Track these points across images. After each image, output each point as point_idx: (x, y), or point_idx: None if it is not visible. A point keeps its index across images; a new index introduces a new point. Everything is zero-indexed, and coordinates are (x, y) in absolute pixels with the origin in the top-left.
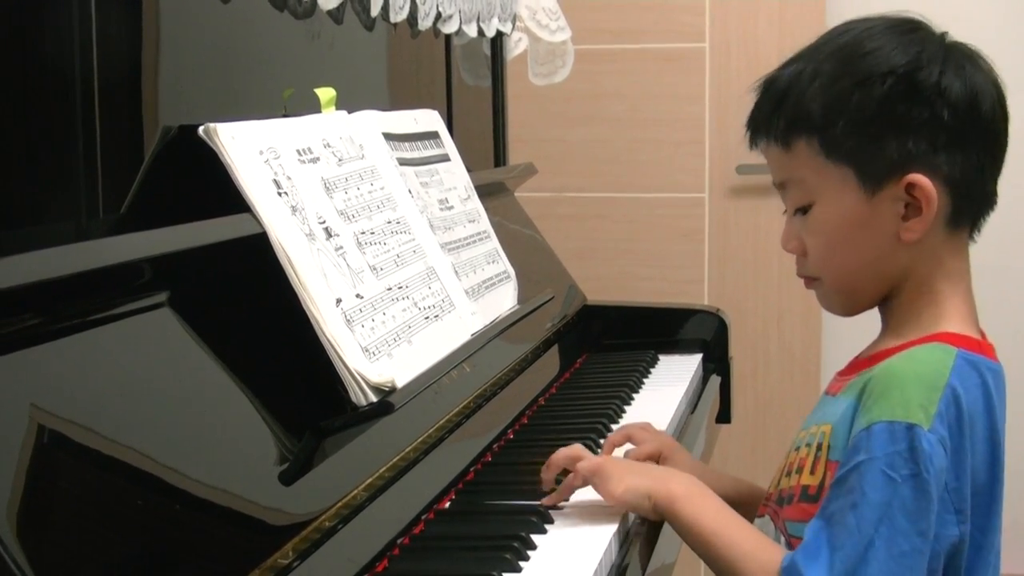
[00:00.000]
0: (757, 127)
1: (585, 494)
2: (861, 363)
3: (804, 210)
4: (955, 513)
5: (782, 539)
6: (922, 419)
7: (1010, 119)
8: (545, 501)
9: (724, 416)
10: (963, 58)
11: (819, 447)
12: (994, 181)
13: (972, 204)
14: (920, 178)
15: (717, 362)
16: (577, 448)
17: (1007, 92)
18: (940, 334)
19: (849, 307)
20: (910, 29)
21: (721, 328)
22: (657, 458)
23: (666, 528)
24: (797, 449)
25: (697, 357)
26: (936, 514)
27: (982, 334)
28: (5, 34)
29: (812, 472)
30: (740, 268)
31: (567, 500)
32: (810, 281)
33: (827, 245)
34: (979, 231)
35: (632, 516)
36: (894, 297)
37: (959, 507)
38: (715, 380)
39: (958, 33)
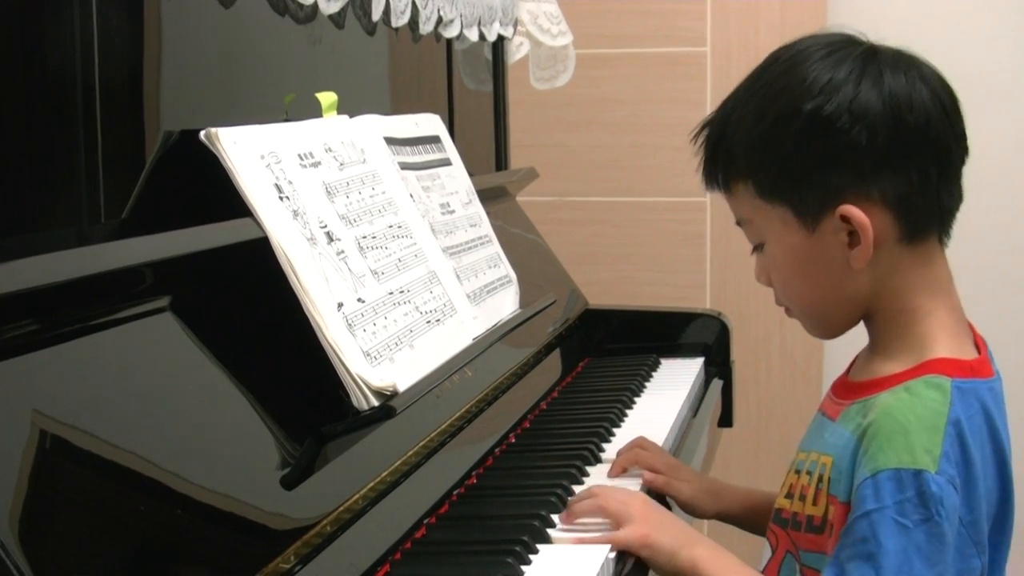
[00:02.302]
0: (704, 173)
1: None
2: (856, 388)
3: (760, 247)
4: (974, 546)
5: (797, 566)
6: (928, 463)
7: (960, 110)
8: (561, 518)
9: (726, 420)
10: (884, 68)
11: (820, 478)
12: (950, 184)
13: (924, 215)
14: (850, 209)
15: (719, 366)
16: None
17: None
18: (932, 362)
19: (826, 332)
20: (832, 51)
21: (723, 332)
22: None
23: None
24: (798, 473)
25: (699, 361)
26: (957, 551)
27: (975, 336)
28: (7, 39)
29: (815, 503)
30: (742, 272)
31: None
32: (788, 310)
33: (784, 280)
34: (948, 235)
35: None
36: (873, 314)
37: (977, 539)
38: (717, 384)
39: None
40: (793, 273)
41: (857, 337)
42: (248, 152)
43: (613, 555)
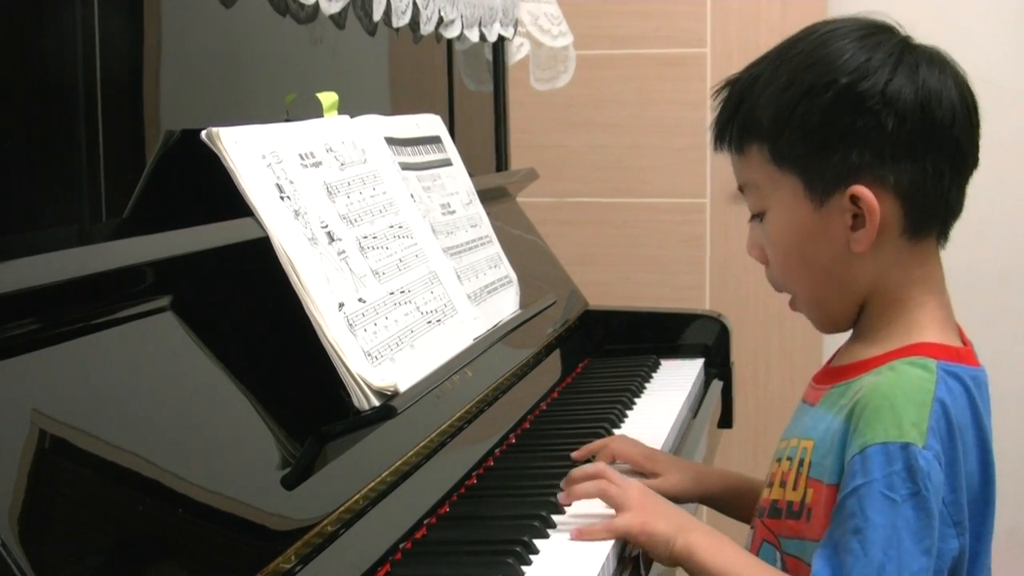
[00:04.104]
0: (718, 129)
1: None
2: (836, 372)
3: (761, 216)
4: (954, 526)
5: (778, 555)
6: (916, 437)
7: (980, 121)
8: (560, 498)
9: (726, 421)
10: (920, 61)
11: (800, 463)
12: (958, 188)
13: (930, 212)
14: (862, 190)
15: (719, 367)
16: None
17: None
18: (917, 345)
19: (825, 322)
20: (868, 34)
21: (723, 333)
22: (642, 468)
23: None
24: (779, 461)
25: (699, 362)
26: (937, 530)
27: (961, 335)
28: (8, 38)
29: (795, 488)
30: (741, 273)
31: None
32: (793, 303)
33: (783, 254)
34: (946, 238)
35: None
36: (865, 307)
37: (957, 519)
38: (717, 385)
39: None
40: (791, 246)
41: None
42: (249, 152)
43: (614, 555)
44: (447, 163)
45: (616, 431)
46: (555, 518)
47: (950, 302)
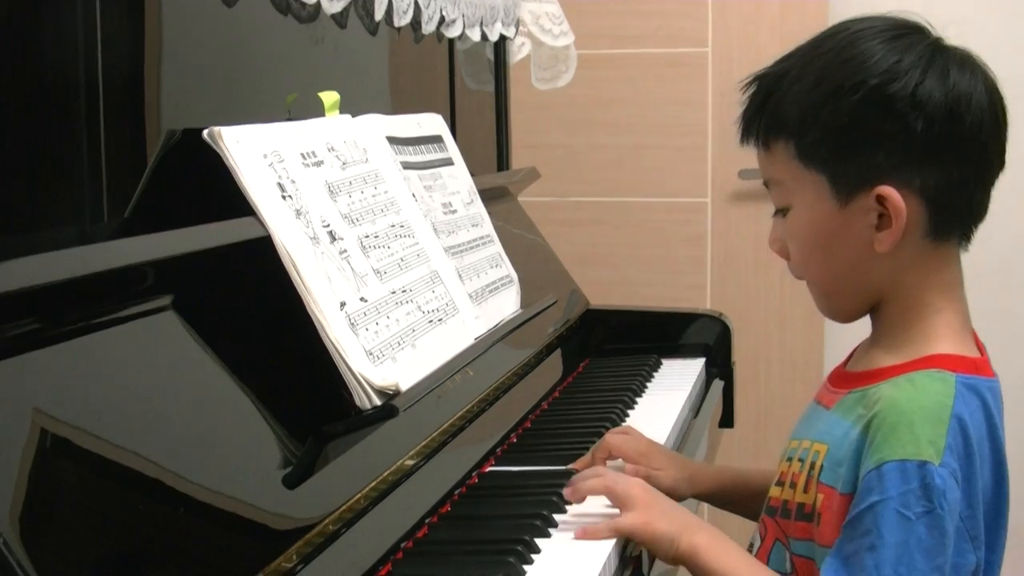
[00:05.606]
0: (744, 124)
1: (591, 499)
2: (853, 377)
3: (784, 212)
4: (970, 541)
5: (787, 554)
6: (932, 455)
7: (1008, 125)
8: (566, 493)
9: (727, 421)
10: (951, 64)
11: (812, 466)
12: (982, 192)
13: (953, 216)
14: (889, 191)
15: (720, 367)
16: (602, 470)
17: (1011, 97)
18: (936, 357)
19: (834, 312)
20: (900, 35)
21: (724, 333)
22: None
23: None
24: (789, 460)
25: (700, 362)
26: (954, 545)
27: (976, 339)
28: (9, 38)
29: (805, 491)
30: (742, 272)
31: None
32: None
33: (804, 251)
34: (969, 240)
35: None
36: (883, 307)
37: (974, 534)
38: (718, 385)
39: (960, 36)
40: (814, 244)
41: (860, 335)
42: (251, 151)
43: (616, 554)
44: (448, 162)
45: None
46: (557, 517)
47: (967, 307)
